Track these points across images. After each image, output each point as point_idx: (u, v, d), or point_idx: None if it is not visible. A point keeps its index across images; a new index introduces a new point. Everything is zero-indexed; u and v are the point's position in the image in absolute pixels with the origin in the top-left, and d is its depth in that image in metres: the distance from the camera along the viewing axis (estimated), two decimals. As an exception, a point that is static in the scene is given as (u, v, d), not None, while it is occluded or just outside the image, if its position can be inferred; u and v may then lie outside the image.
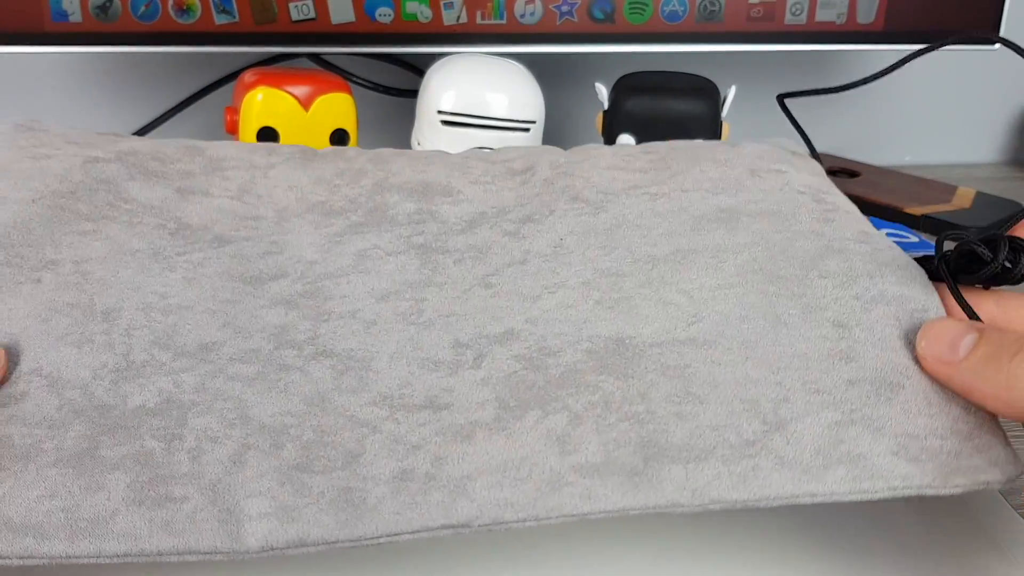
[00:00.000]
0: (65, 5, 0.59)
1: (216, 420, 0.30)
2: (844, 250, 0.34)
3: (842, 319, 0.31)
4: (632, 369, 0.30)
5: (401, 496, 0.28)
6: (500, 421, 0.29)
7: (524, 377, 0.31)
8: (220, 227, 0.39)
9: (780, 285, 0.32)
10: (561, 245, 0.36)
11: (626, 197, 0.38)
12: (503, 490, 0.27)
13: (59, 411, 0.30)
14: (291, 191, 0.41)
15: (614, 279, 0.34)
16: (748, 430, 0.28)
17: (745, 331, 0.31)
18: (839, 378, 0.29)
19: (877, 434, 0.28)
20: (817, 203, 0.37)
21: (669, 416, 0.29)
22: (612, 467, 0.28)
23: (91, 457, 0.28)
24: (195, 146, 0.43)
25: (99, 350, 0.32)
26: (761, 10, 0.64)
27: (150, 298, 0.34)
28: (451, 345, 0.32)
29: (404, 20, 0.62)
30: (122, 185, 0.40)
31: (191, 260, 0.36)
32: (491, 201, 0.40)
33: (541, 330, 0.32)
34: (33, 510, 0.27)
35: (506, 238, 0.37)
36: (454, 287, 0.35)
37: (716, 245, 0.35)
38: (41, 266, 0.35)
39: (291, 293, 0.35)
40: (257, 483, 0.28)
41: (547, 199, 0.39)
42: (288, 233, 0.39)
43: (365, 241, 0.38)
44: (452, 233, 0.38)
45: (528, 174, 0.41)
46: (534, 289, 0.34)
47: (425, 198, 0.40)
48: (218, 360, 0.32)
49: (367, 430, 0.29)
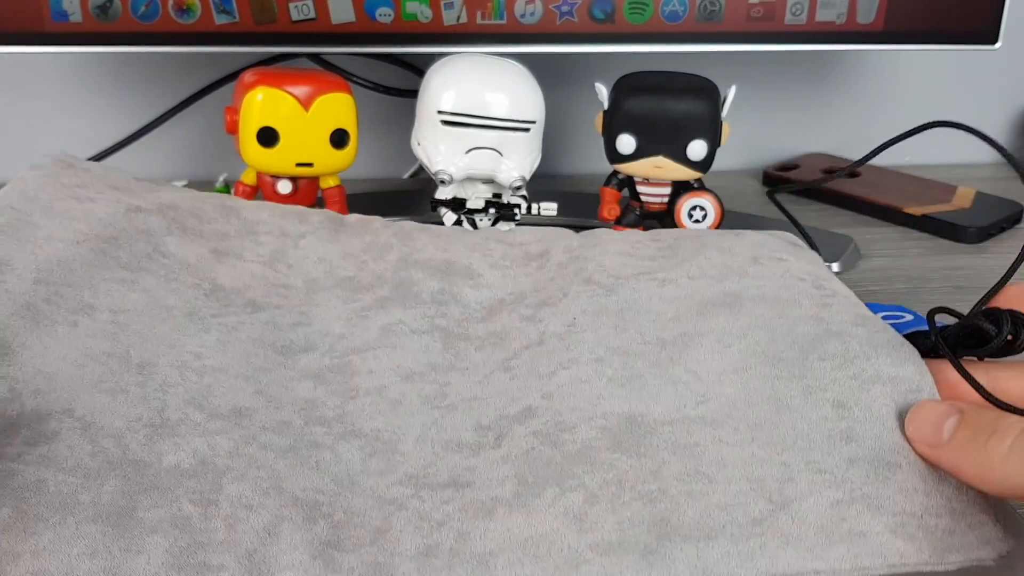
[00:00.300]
0: (65, 5, 0.59)
1: (250, 488, 0.31)
2: (842, 333, 0.35)
3: (841, 399, 0.33)
4: (644, 447, 0.32)
5: (426, 572, 0.29)
6: (520, 498, 0.31)
7: (542, 453, 0.33)
8: (253, 292, 0.41)
9: (782, 367, 0.35)
10: (574, 324, 0.39)
11: (635, 282, 0.41)
12: (524, 567, 0.29)
13: (93, 459, 0.31)
14: (320, 263, 0.43)
15: (625, 358, 0.36)
16: (755, 509, 0.30)
17: (750, 414, 0.33)
18: (840, 458, 0.31)
19: (876, 512, 0.29)
20: (816, 289, 0.39)
21: (680, 495, 0.30)
22: (627, 545, 0.29)
23: (130, 517, 0.29)
24: (232, 207, 0.45)
25: (133, 402, 0.33)
26: (761, 10, 0.64)
27: (185, 356, 0.36)
28: (473, 428, 0.35)
29: (404, 20, 0.62)
30: (161, 239, 0.42)
31: (225, 323, 0.38)
32: (509, 287, 0.43)
33: (557, 405, 0.35)
34: (74, 568, 0.27)
35: (524, 323, 0.40)
36: (476, 372, 0.38)
37: (721, 329, 0.37)
38: (78, 309, 0.36)
39: (320, 367, 0.37)
40: (290, 555, 0.29)
41: (561, 283, 0.42)
42: (317, 305, 0.41)
43: (390, 316, 0.40)
44: (473, 320, 0.41)
45: (543, 259, 0.44)
46: (550, 366, 0.37)
47: (448, 278, 0.43)
48: (251, 427, 0.34)
49: (393, 507, 0.31)
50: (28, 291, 0.36)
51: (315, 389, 0.36)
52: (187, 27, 0.60)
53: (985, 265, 0.64)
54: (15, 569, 0.27)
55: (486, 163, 0.58)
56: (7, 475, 0.29)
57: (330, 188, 0.61)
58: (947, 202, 0.73)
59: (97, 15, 0.60)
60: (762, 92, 0.85)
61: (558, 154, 0.84)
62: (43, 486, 0.29)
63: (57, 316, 0.36)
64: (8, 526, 0.28)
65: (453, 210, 0.60)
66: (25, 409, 0.32)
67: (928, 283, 0.61)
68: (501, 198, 0.61)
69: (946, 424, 0.31)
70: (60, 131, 0.79)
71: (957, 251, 0.67)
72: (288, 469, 0.32)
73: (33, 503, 0.29)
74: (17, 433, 0.31)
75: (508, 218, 0.61)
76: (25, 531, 0.28)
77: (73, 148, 0.77)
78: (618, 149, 0.61)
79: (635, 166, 0.61)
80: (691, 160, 0.60)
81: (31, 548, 0.28)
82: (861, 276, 0.62)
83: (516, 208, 0.61)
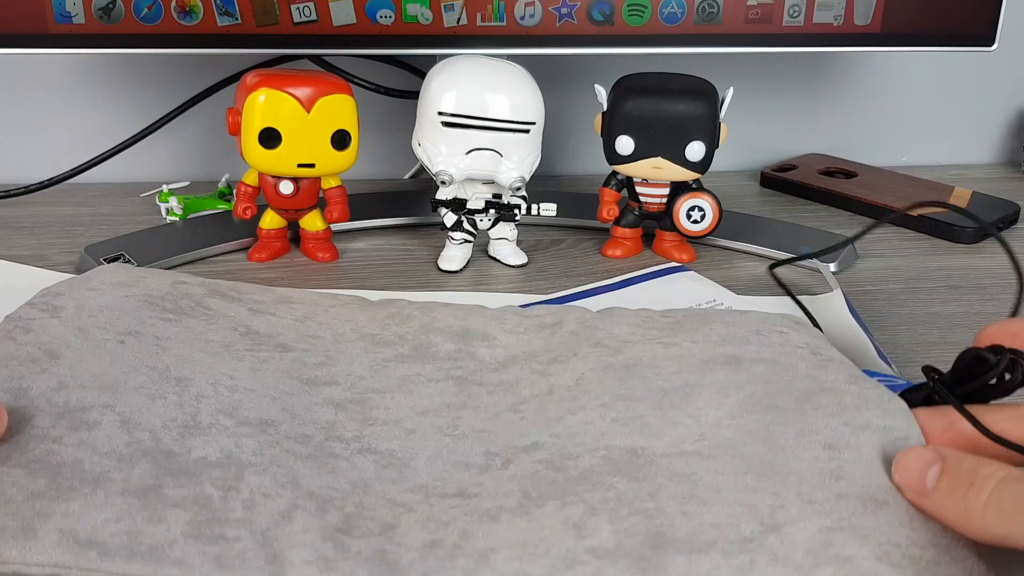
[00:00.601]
0: (69, 7, 0.60)
1: (270, 480, 0.34)
2: (835, 389, 0.38)
3: (832, 442, 0.35)
4: (643, 473, 0.34)
5: (430, 561, 0.31)
6: (523, 507, 0.33)
7: (546, 475, 0.35)
8: (284, 338, 0.45)
9: (776, 415, 0.37)
10: (582, 379, 0.42)
11: (642, 345, 0.44)
12: (522, 563, 0.31)
13: (128, 447, 0.34)
14: (347, 323, 0.47)
15: (629, 403, 0.39)
16: (746, 529, 0.31)
17: (746, 452, 0.35)
18: (830, 492, 0.33)
19: (863, 541, 0.31)
20: (813, 355, 0.42)
21: (676, 513, 0.32)
22: (622, 551, 0.31)
23: (156, 494, 0.32)
24: (268, 288, 0.50)
25: (170, 407, 0.37)
26: (759, 12, 0.64)
27: (219, 376, 0.40)
28: (483, 453, 0.38)
29: (405, 22, 0.62)
30: (203, 300, 0.47)
31: (257, 356, 0.43)
32: (523, 347, 0.46)
33: (563, 441, 0.37)
34: (99, 529, 0.31)
35: (534, 376, 0.43)
36: (487, 410, 0.41)
37: (721, 382, 0.40)
38: (126, 333, 0.41)
39: (341, 398, 0.41)
40: (302, 536, 0.32)
41: (572, 345, 0.45)
42: (342, 353, 0.45)
43: (409, 369, 0.44)
44: (487, 371, 0.44)
45: (557, 327, 0.47)
46: (558, 412, 0.40)
47: (465, 341, 0.46)
48: (275, 435, 0.37)
49: (403, 509, 0.34)
50: (81, 321, 0.41)
51: (336, 415, 0.40)
52: (190, 29, 0.61)
53: (981, 265, 0.65)
54: (45, 526, 0.30)
55: (486, 164, 0.58)
56: (47, 453, 0.33)
57: (331, 189, 0.61)
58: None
59: (100, 17, 0.60)
60: (760, 93, 0.86)
61: (558, 155, 0.84)
62: (79, 464, 0.33)
63: (107, 336, 0.41)
64: (42, 493, 0.31)
65: (453, 210, 0.61)
66: (71, 400, 0.36)
67: (925, 283, 0.62)
68: (501, 198, 0.61)
69: (929, 472, 0.32)
70: (63, 132, 0.79)
71: (953, 251, 0.67)
72: (307, 470, 0.35)
73: (68, 477, 0.32)
74: (61, 420, 0.35)
75: (508, 218, 0.62)
76: (58, 498, 0.31)
77: (76, 149, 0.77)
78: (617, 150, 0.61)
79: (634, 167, 0.62)
80: (689, 161, 0.60)
81: (62, 511, 0.31)
82: (858, 276, 0.63)
83: (516, 208, 0.61)
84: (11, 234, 0.67)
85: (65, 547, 0.30)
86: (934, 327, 0.56)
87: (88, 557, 0.30)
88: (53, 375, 0.37)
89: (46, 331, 0.40)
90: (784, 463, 0.34)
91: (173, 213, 0.67)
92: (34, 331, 0.40)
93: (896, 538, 0.31)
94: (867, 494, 0.33)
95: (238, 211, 0.61)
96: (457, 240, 0.62)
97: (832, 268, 0.62)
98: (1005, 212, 0.71)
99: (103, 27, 0.60)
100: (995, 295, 0.60)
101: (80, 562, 0.30)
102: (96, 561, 0.30)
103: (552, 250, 0.66)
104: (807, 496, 0.33)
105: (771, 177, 0.80)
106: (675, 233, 0.63)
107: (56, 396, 0.36)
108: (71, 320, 0.41)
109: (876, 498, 0.32)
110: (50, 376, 0.37)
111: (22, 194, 0.70)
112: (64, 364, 0.38)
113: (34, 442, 0.34)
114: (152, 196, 0.72)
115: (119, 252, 0.61)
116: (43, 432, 0.34)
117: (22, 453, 0.33)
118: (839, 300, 0.54)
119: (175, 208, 0.67)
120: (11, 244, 0.65)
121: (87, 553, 0.30)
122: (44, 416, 0.35)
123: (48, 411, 0.35)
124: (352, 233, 0.67)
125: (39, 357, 0.38)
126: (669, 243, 0.64)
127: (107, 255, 0.61)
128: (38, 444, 0.34)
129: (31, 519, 0.31)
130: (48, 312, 0.42)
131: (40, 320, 0.41)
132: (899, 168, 0.83)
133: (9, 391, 0.36)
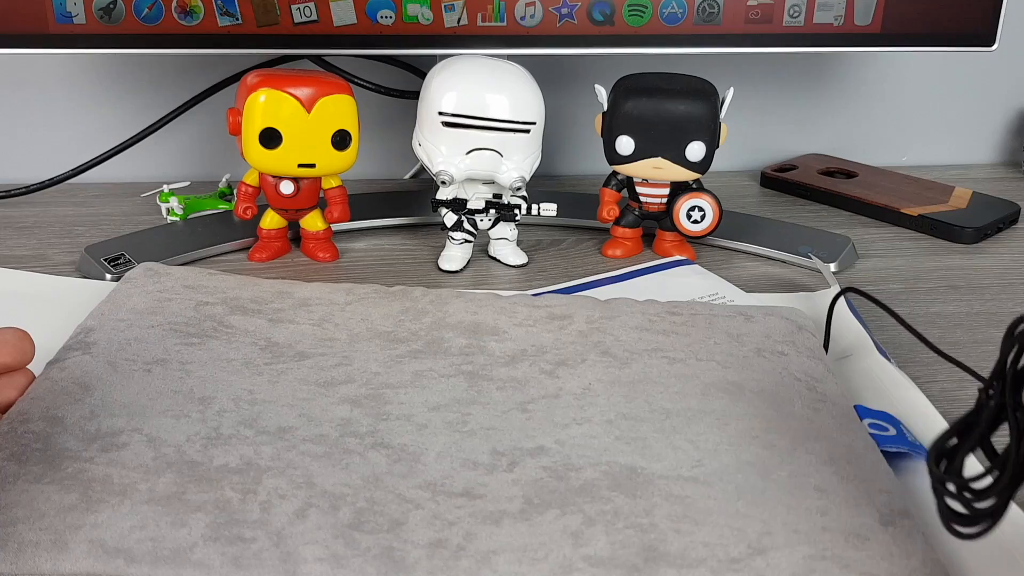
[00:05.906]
0: (69, 7, 0.60)
1: (286, 482, 0.37)
2: (827, 438, 0.41)
3: (822, 486, 0.37)
4: (641, 491, 0.37)
5: (435, 560, 0.33)
6: (525, 513, 0.36)
7: (548, 483, 0.37)
8: (302, 346, 0.48)
9: (772, 452, 0.39)
10: (590, 389, 0.44)
11: (648, 357, 0.47)
12: (522, 566, 0.33)
13: (155, 461, 0.37)
14: (363, 322, 0.50)
15: (633, 423, 0.42)
16: (735, 550, 0.34)
17: (740, 480, 0.38)
18: (815, 525, 0.35)
19: (845, 569, 0.33)
20: (809, 391, 0.44)
21: (669, 530, 0.35)
22: (616, 561, 0.33)
23: (179, 500, 0.35)
24: (287, 291, 0.53)
25: (194, 423, 0.40)
26: (759, 12, 0.64)
27: (239, 392, 0.43)
28: (489, 452, 0.40)
29: (405, 22, 0.62)
30: (225, 319, 0.50)
31: (276, 369, 0.45)
32: (531, 340, 0.48)
33: (567, 451, 0.40)
34: (126, 537, 0.33)
35: (542, 375, 0.45)
36: (496, 407, 0.43)
37: (721, 410, 0.42)
38: (153, 362, 0.45)
39: (357, 395, 0.43)
40: (315, 534, 0.34)
41: (580, 349, 0.48)
42: (357, 351, 0.47)
43: (422, 364, 0.46)
44: (497, 365, 0.46)
45: (565, 321, 0.50)
46: (564, 419, 0.42)
47: (475, 336, 0.49)
48: (292, 439, 0.40)
49: (411, 506, 0.36)
50: (111, 355, 0.45)
51: (351, 411, 0.42)
52: (190, 29, 0.61)
53: (981, 265, 0.65)
54: (75, 537, 0.33)
55: (486, 164, 0.59)
56: (79, 471, 0.36)
57: (332, 189, 0.62)
58: (944, 202, 0.73)
59: (101, 17, 0.60)
60: (760, 93, 0.86)
61: (558, 155, 0.84)
62: (108, 479, 0.36)
63: (134, 367, 0.44)
64: (73, 506, 0.34)
65: (454, 210, 0.61)
66: (102, 427, 0.39)
67: (925, 283, 0.62)
68: (501, 198, 0.61)
69: None
70: (64, 132, 0.79)
71: (953, 251, 0.67)
72: (321, 469, 0.38)
73: (98, 490, 0.35)
74: (93, 443, 0.38)
75: (508, 218, 0.62)
76: (88, 510, 0.34)
77: (77, 149, 0.77)
78: (617, 150, 0.61)
79: (634, 167, 0.62)
80: (690, 161, 0.61)
81: (91, 522, 0.34)
82: (858, 276, 0.63)
83: (516, 208, 0.61)
84: (11, 234, 0.67)
85: (94, 556, 0.32)
86: (934, 327, 0.56)
87: (115, 564, 0.32)
88: (86, 405, 0.41)
89: (79, 367, 0.44)
90: (775, 495, 0.37)
91: (174, 213, 0.67)
92: (68, 368, 0.44)
93: (877, 570, 0.33)
94: (851, 531, 0.35)
95: (239, 211, 0.61)
96: (457, 240, 0.62)
97: (833, 268, 0.63)
98: (1005, 212, 0.72)
99: (104, 27, 0.60)
100: (995, 295, 0.60)
101: (108, 569, 0.32)
102: (123, 568, 0.32)
103: (552, 250, 0.66)
104: (793, 526, 0.35)
105: (771, 177, 0.80)
106: (675, 233, 0.63)
107: (88, 424, 0.39)
108: (102, 355, 0.45)
109: (860, 535, 0.34)
110: (83, 406, 0.41)
111: (22, 194, 0.70)
112: (96, 395, 0.42)
113: (67, 463, 0.37)
114: (153, 196, 0.72)
115: (119, 252, 0.61)
116: (75, 454, 0.37)
117: (55, 472, 0.36)
118: (839, 300, 0.54)
119: (176, 208, 0.67)
120: (11, 244, 0.65)
121: (114, 561, 0.32)
122: (77, 441, 0.38)
123: (81, 437, 0.39)
124: (352, 233, 0.67)
125: (73, 390, 0.42)
126: (669, 243, 0.64)
127: (107, 255, 0.61)
128: (71, 464, 0.37)
129: (62, 532, 0.33)
130: (80, 350, 0.45)
131: (73, 358, 0.44)
132: (899, 168, 0.83)
133: (45, 419, 0.39)
